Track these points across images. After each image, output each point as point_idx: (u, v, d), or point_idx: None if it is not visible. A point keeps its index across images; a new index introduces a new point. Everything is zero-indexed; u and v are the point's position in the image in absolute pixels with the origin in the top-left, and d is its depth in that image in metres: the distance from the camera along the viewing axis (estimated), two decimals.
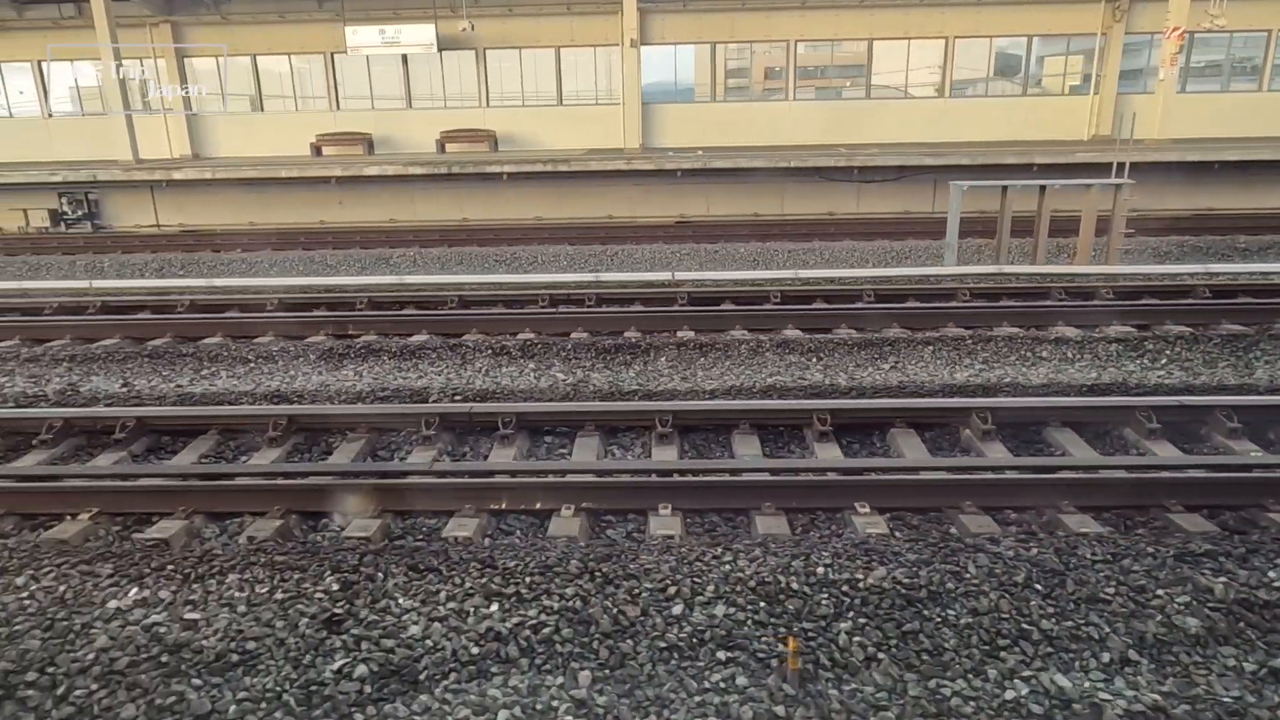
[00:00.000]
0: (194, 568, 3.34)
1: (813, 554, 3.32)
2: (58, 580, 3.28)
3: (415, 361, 6.31)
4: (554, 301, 7.97)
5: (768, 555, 3.33)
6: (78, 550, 3.53)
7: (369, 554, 3.42)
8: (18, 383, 6.12)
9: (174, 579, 3.28)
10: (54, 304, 8.14)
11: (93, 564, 3.38)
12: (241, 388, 5.86)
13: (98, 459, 4.66)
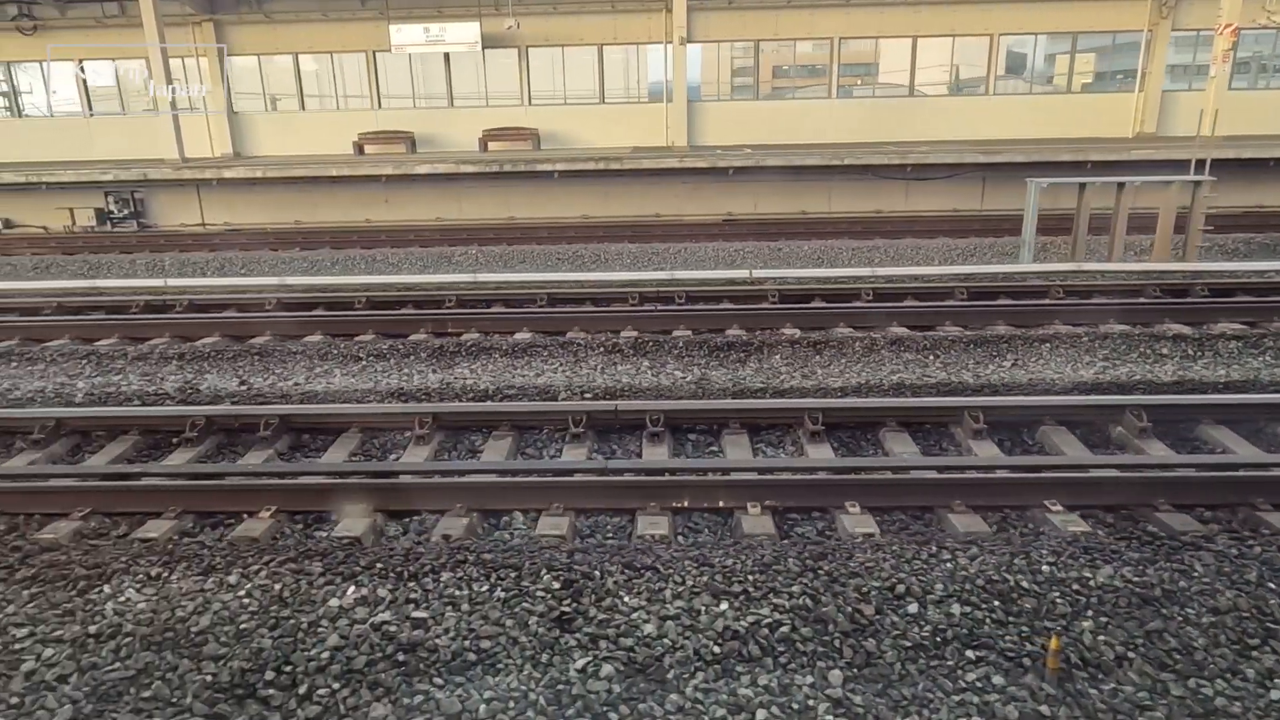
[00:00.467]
0: (404, 566, 3.31)
1: (1031, 552, 3.28)
2: (270, 579, 3.25)
3: (528, 359, 6.28)
4: (643, 299, 7.92)
5: (984, 553, 3.29)
6: (275, 548, 3.50)
7: (575, 552, 3.39)
8: (133, 380, 6.10)
9: (387, 577, 3.25)
10: (139, 302, 8.12)
11: (299, 561, 3.35)
12: (360, 385, 5.83)
13: (247, 457, 4.63)
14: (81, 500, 3.91)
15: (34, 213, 16.28)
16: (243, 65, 18.12)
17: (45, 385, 6.03)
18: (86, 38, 17.40)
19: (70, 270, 11.79)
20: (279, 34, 17.56)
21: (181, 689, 2.82)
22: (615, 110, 17.90)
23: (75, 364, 6.41)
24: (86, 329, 7.22)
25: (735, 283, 8.82)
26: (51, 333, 7.19)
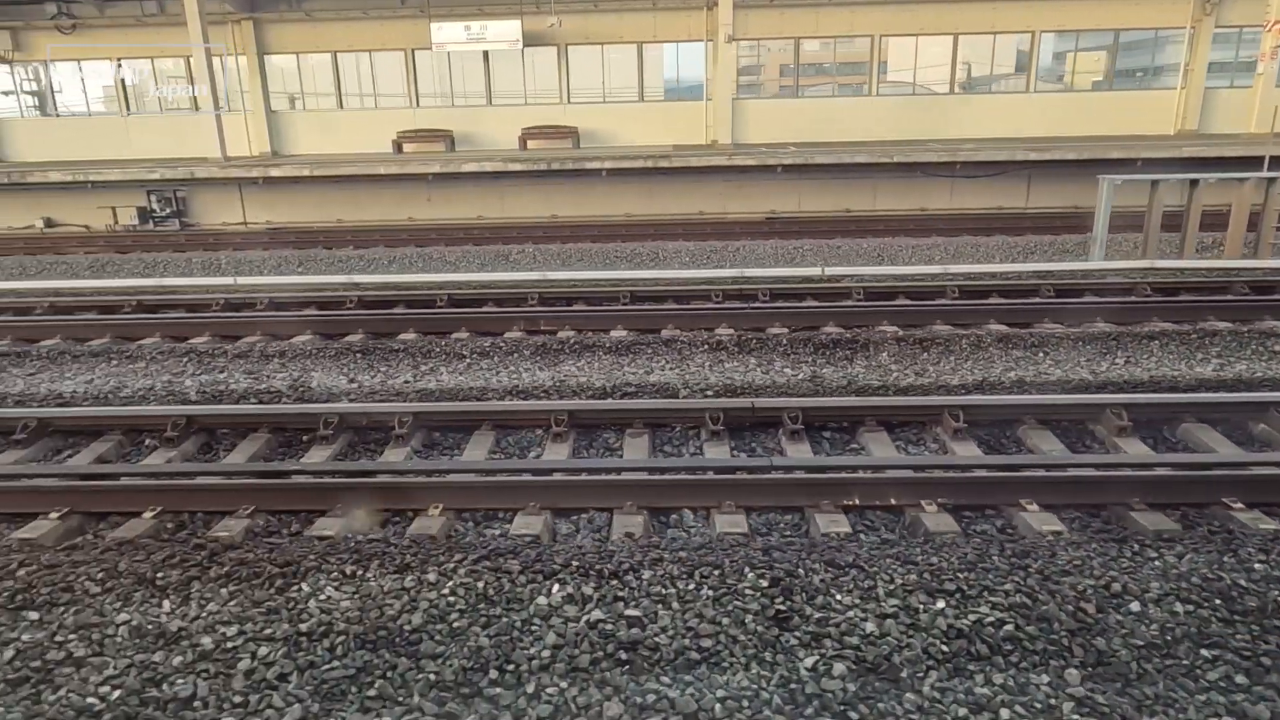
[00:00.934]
0: (600, 564, 3.28)
1: (1238, 549, 3.25)
2: (470, 576, 3.22)
3: (632, 357, 6.25)
4: (726, 296, 7.89)
5: (1189, 551, 3.26)
6: (462, 545, 3.47)
7: (769, 550, 3.36)
8: (239, 378, 6.08)
9: (588, 575, 3.22)
10: (218, 300, 8.10)
11: (493, 559, 3.32)
12: (471, 383, 5.80)
13: (388, 454, 4.60)
14: (242, 498, 3.88)
15: (75, 211, 16.29)
16: (281, 64, 18.10)
17: (153, 383, 6.01)
18: (125, 36, 17.40)
19: (126, 269, 11.77)
20: (318, 32, 17.55)
21: (406, 688, 2.80)
22: (654, 108, 17.87)
23: (176, 361, 6.40)
24: (176, 327, 7.21)
25: (811, 280, 8.79)
26: (141, 331, 7.18)
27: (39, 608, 3.19)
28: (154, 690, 2.83)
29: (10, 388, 6.03)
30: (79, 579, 3.29)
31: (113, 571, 3.33)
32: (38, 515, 3.88)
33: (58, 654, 2.97)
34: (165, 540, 3.65)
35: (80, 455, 4.72)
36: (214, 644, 2.98)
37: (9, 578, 3.32)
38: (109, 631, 3.06)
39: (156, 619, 3.11)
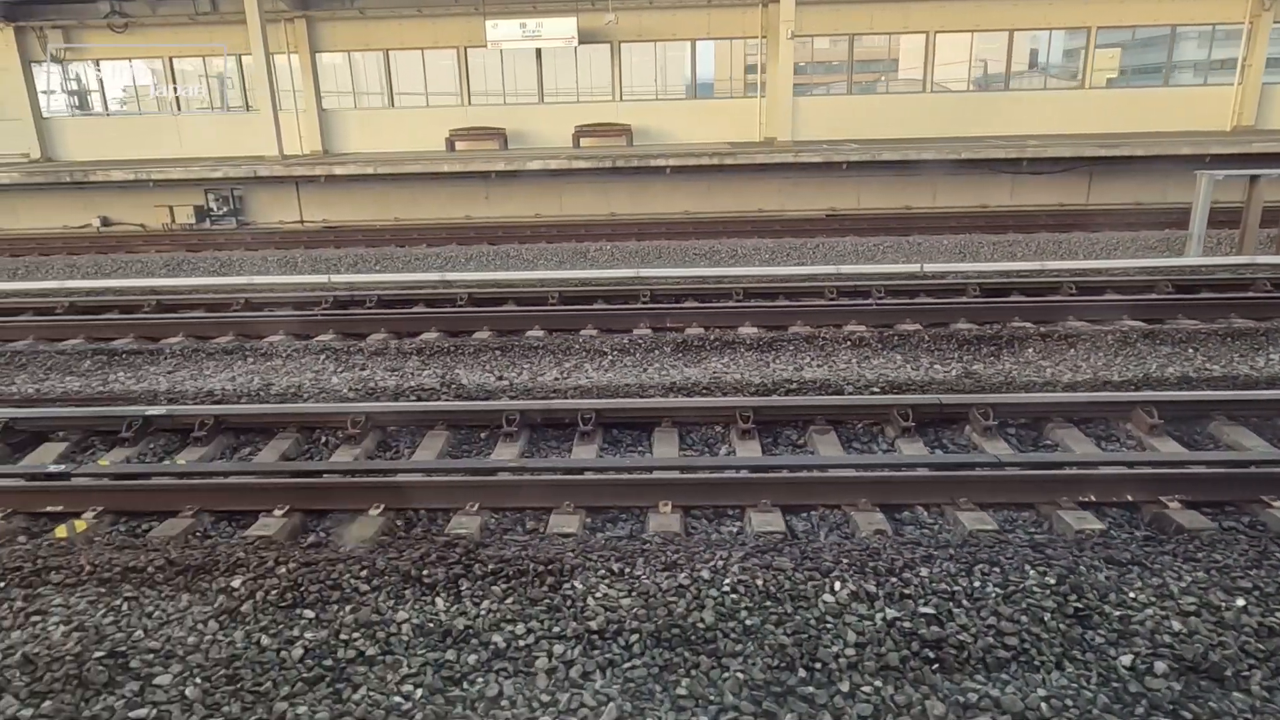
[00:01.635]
0: (868, 561, 3.24)
1: None
2: (745, 574, 3.18)
3: (775, 353, 6.21)
4: (840, 294, 7.83)
5: None
6: (716, 543, 3.43)
7: (1041, 546, 3.32)
8: (383, 375, 6.06)
9: (863, 572, 3.18)
10: (327, 298, 8.06)
11: (759, 556, 3.28)
12: (621, 380, 5.76)
13: (579, 452, 4.56)
14: (473, 495, 3.85)
15: (130, 210, 16.29)
16: (331, 62, 18.09)
17: (299, 381, 5.98)
18: (176, 35, 17.40)
19: (203, 268, 11.77)
20: (370, 30, 17.53)
21: (716, 687, 2.76)
22: (706, 105, 17.82)
23: (315, 359, 6.38)
24: (300, 325, 7.18)
25: (917, 277, 8.73)
26: (264, 328, 7.16)
27: (312, 606, 3.16)
28: (456, 689, 2.79)
29: (156, 385, 6.01)
30: (344, 577, 3.26)
31: (374, 569, 3.29)
32: (260, 513, 3.85)
33: (347, 652, 2.95)
34: (409, 538, 3.62)
35: (265, 453, 4.68)
36: (505, 642, 2.95)
37: (270, 575, 3.29)
38: (392, 630, 3.03)
39: (436, 617, 3.08)
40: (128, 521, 3.97)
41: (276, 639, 3.02)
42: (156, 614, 3.14)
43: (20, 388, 6.06)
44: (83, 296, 8.87)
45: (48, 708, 2.77)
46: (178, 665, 2.93)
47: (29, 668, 2.93)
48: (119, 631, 3.05)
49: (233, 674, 2.89)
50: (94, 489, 4.01)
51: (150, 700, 2.80)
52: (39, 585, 3.30)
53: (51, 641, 3.03)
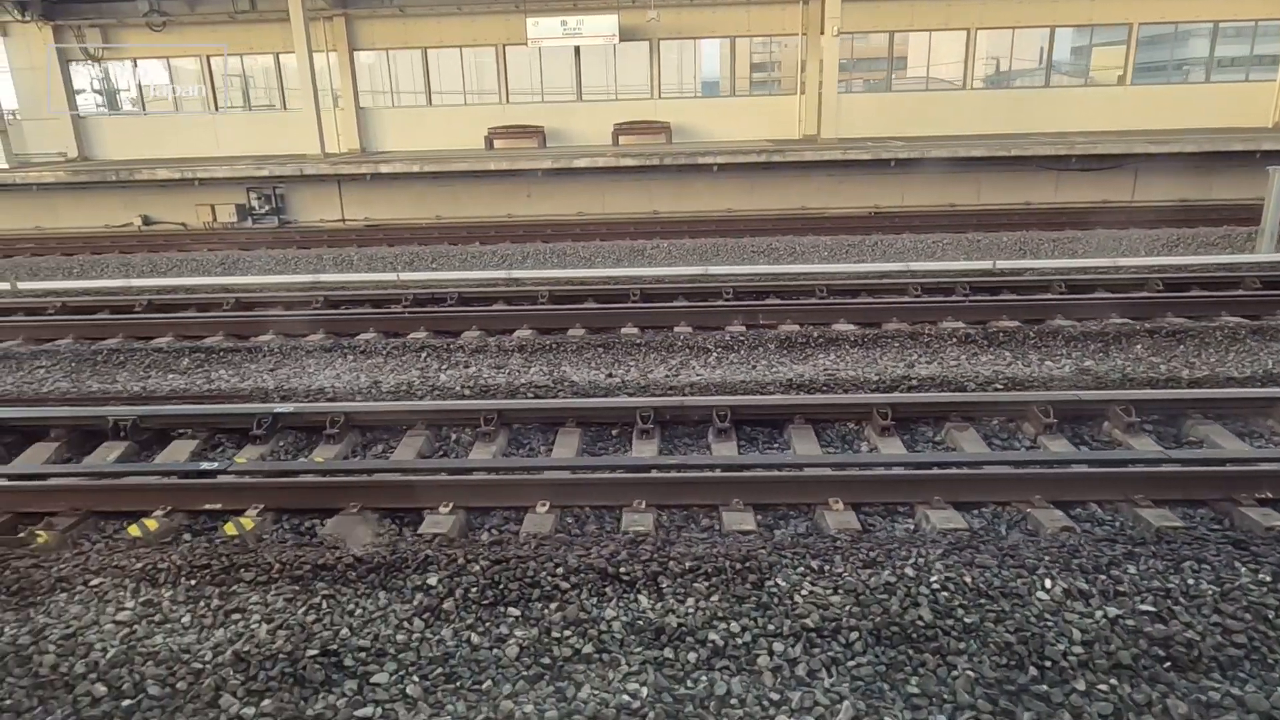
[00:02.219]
0: (1075, 559, 3.21)
1: None
2: (950, 570, 3.14)
3: (880, 350, 6.18)
4: (923, 290, 7.80)
5: None
6: (906, 540, 3.40)
7: (1241, 544, 3.28)
8: (489, 373, 6.03)
9: (1072, 570, 3.15)
10: (406, 296, 8.05)
11: (959, 553, 3.25)
12: (738, 377, 5.73)
13: (720, 449, 4.53)
14: (638, 492, 3.83)
15: (171, 209, 16.28)
16: (367, 60, 18.07)
17: (406, 378, 5.96)
18: (215, 34, 17.38)
19: (258, 266, 11.73)
20: (409, 28, 17.50)
21: (947, 685, 2.73)
22: (745, 103, 17.78)
23: (415, 357, 6.36)
24: (390, 323, 7.17)
25: (993, 274, 8.70)
26: (353, 326, 7.14)
27: (515, 603, 3.13)
28: (681, 688, 2.77)
29: (261, 383, 6.00)
30: (540, 574, 3.23)
31: (568, 566, 3.27)
32: (425, 511, 3.83)
33: (562, 650, 2.92)
34: (588, 534, 3.59)
35: (401, 450, 4.66)
36: (722, 640, 2.92)
37: (464, 573, 3.26)
38: (603, 628, 3.00)
39: (644, 614, 3.05)
40: (290, 519, 3.95)
41: (487, 637, 3.00)
42: (359, 612, 3.12)
43: (126, 385, 6.05)
44: (156, 294, 8.87)
45: (268, 706, 2.75)
46: (392, 663, 2.91)
47: (242, 666, 2.91)
48: (325, 630, 3.03)
49: (450, 672, 2.87)
50: (253, 486, 3.98)
51: (372, 699, 2.77)
52: (231, 583, 3.28)
53: (259, 640, 3.01)
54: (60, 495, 3.99)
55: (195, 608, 3.18)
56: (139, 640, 3.02)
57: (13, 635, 3.06)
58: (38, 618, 3.16)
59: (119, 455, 4.73)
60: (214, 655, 2.95)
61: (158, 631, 3.07)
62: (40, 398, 5.77)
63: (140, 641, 3.01)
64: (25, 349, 6.85)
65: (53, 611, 3.19)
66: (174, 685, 2.85)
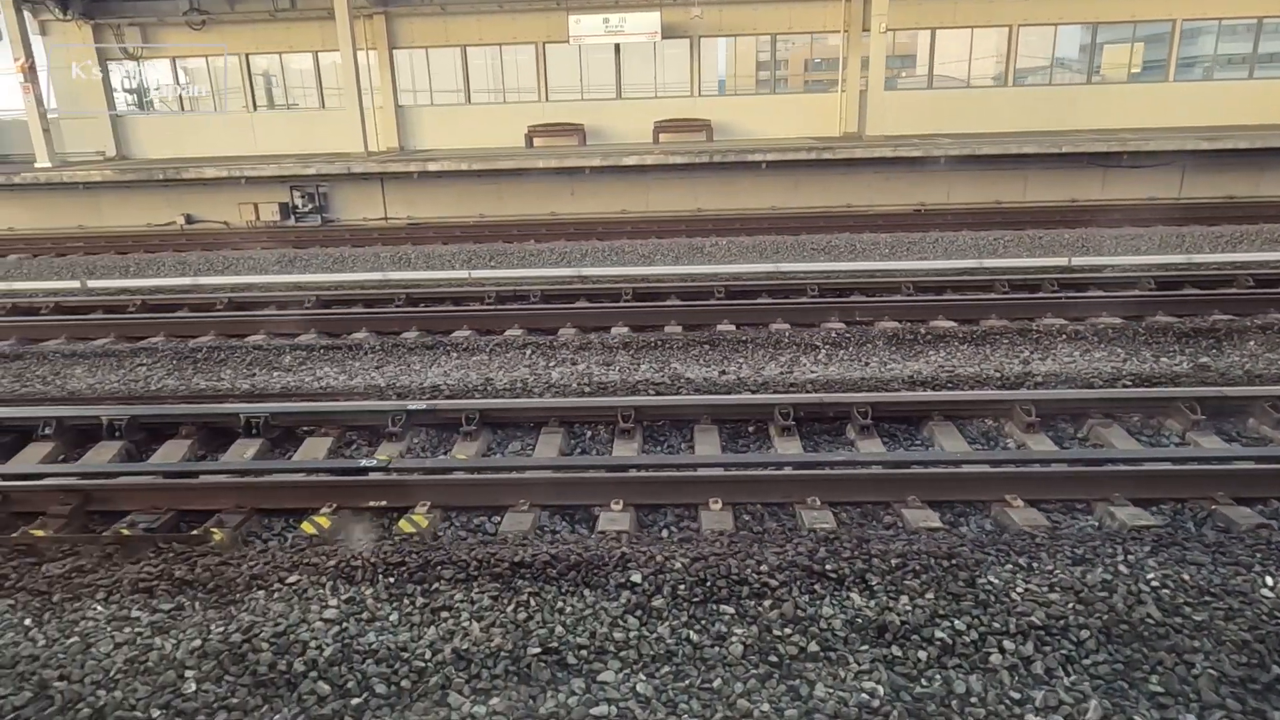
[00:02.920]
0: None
1: None
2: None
3: (987, 347, 6.14)
4: (1012, 287, 7.76)
5: None
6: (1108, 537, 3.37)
7: None
8: (599, 370, 6.00)
9: None
10: (488, 294, 8.04)
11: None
12: (849, 374, 5.70)
13: (865, 444, 4.50)
14: (807, 489, 3.80)
15: (213, 208, 16.28)
16: (408, 58, 18.06)
17: (519, 375, 5.94)
18: (255, 33, 17.38)
19: (315, 264, 11.71)
20: (449, 27, 17.48)
21: (1190, 684, 2.69)
22: (786, 100, 17.74)
23: (520, 354, 6.33)
24: (482, 320, 7.16)
25: (1070, 270, 8.65)
26: (446, 324, 7.13)
27: (726, 601, 3.10)
28: (917, 686, 2.74)
29: (371, 380, 5.98)
30: (746, 571, 3.20)
31: (771, 564, 3.24)
32: (597, 507, 3.81)
33: (787, 648, 2.89)
34: (772, 531, 3.57)
35: (542, 448, 4.63)
36: (949, 638, 2.89)
37: (666, 571, 3.24)
38: (823, 625, 2.97)
39: (862, 612, 3.02)
40: (458, 516, 3.93)
41: (706, 634, 2.97)
42: (568, 609, 3.09)
43: (234, 383, 6.03)
44: (231, 292, 8.86)
45: (498, 704, 2.73)
46: (615, 661, 2.88)
47: (464, 665, 2.89)
48: (541, 627, 3.00)
49: (677, 670, 2.84)
50: (420, 484, 3.95)
51: (604, 697, 2.75)
52: (432, 581, 3.25)
53: (474, 638, 2.98)
54: (222, 493, 3.97)
55: (400, 605, 3.15)
56: (352, 638, 3.00)
57: (223, 633, 3.04)
58: (242, 615, 3.14)
59: (255, 452, 4.71)
60: (432, 653, 2.92)
61: (369, 629, 3.05)
62: (153, 395, 5.75)
63: (354, 639, 2.99)
64: (122, 347, 6.83)
65: (255, 609, 3.16)
66: (398, 684, 2.84)
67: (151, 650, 2.98)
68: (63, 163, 16.64)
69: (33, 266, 12.34)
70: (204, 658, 2.95)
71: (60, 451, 4.88)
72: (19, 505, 3.98)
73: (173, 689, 2.83)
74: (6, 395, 5.88)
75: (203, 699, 2.79)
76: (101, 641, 3.03)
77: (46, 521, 3.82)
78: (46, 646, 3.02)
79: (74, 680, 2.87)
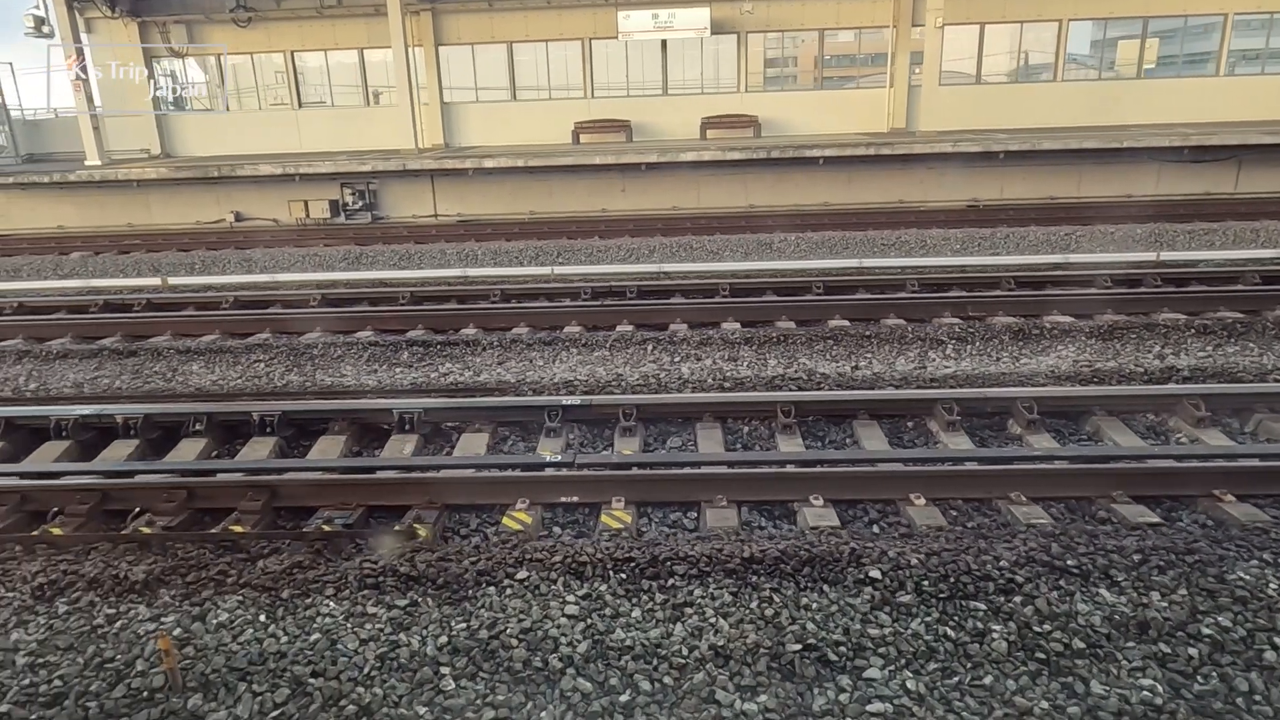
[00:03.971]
0: None
1: None
2: None
3: (1117, 343, 6.08)
4: (1114, 282, 7.70)
5: None
6: None
7: None
8: (728, 366, 5.97)
9: None
10: (584, 290, 8.01)
11: None
12: (986, 369, 5.66)
13: (1034, 440, 4.45)
14: (1015, 485, 3.75)
15: (262, 205, 16.28)
16: (452, 55, 18.02)
17: (648, 370, 5.91)
18: (301, 29, 17.37)
19: (382, 261, 11.68)
20: (495, 22, 17.44)
21: None
22: (833, 96, 17.67)
23: (640, 349, 6.30)
24: (592, 315, 7.13)
25: (1160, 265, 8.60)
26: (557, 319, 7.10)
27: (972, 597, 3.07)
28: (1195, 683, 2.70)
29: (499, 376, 5.95)
30: (985, 567, 3.16)
31: (1010, 560, 3.20)
32: (796, 503, 3.78)
33: (1051, 644, 2.85)
34: (983, 527, 3.54)
35: (705, 444, 4.59)
36: (1217, 634, 2.85)
37: (905, 566, 3.20)
38: (1080, 621, 2.93)
39: (1118, 609, 2.97)
40: (654, 511, 3.90)
41: (963, 631, 2.93)
42: (814, 606, 3.06)
43: (359, 379, 6.01)
44: (315, 289, 8.85)
45: (767, 702, 2.70)
46: (877, 659, 2.85)
47: (722, 661, 2.86)
48: (792, 624, 2.97)
49: (945, 668, 2.81)
50: (607, 480, 3.93)
51: (877, 695, 2.72)
52: (665, 577, 3.22)
53: (726, 634, 2.95)
54: (409, 489, 3.95)
55: (640, 601, 3.12)
56: (602, 635, 2.97)
57: (466, 628, 3.02)
58: (480, 612, 3.11)
59: (414, 448, 4.69)
60: (688, 650, 2.89)
61: (614, 625, 3.02)
62: (288, 392, 5.73)
63: (604, 636, 2.96)
64: (231, 343, 6.81)
65: (492, 605, 3.14)
66: (660, 680, 2.81)
67: (399, 647, 2.96)
68: (109, 160, 16.64)
69: (98, 264, 12.36)
70: (455, 654, 2.93)
71: (213, 447, 4.87)
72: (207, 500, 3.96)
73: (432, 686, 2.81)
74: (137, 393, 5.87)
75: (465, 696, 2.77)
76: (345, 638, 3.01)
77: (241, 518, 3.80)
78: (290, 643, 3.00)
79: (329, 677, 2.84)
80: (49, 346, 6.93)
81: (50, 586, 3.33)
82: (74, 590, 3.31)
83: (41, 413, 5.02)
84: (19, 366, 6.63)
